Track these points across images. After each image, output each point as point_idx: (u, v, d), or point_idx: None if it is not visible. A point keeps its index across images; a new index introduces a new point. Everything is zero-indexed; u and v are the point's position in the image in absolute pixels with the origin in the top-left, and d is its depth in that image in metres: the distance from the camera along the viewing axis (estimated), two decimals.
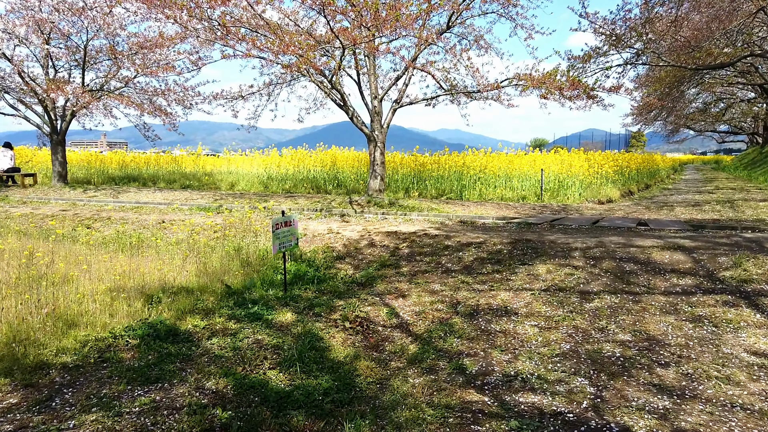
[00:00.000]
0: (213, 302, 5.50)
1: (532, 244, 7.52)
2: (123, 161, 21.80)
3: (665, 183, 25.85)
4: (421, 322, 5.27)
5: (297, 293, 5.95)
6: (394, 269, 7.04)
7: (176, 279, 6.17)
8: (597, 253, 6.93)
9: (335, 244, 8.08)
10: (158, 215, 10.96)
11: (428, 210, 11.13)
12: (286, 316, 5.21)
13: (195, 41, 12.24)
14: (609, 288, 5.86)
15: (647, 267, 6.39)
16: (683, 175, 37.51)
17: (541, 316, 5.25)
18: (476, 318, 5.27)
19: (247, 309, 5.25)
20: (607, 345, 4.49)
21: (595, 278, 6.15)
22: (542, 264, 6.69)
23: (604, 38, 18.16)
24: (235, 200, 13.58)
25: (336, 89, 11.08)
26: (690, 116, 47.32)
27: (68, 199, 14.25)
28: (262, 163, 19.17)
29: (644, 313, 5.18)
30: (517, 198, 14.49)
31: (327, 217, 10.71)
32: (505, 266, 6.77)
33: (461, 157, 16.45)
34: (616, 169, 16.91)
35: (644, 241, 7.40)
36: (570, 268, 6.50)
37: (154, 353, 4.23)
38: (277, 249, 5.71)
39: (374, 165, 12.16)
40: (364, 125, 12.01)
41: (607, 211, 12.08)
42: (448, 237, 8.11)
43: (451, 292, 6.08)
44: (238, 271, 6.54)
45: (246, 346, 4.47)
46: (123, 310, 5.11)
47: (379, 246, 7.95)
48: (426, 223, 9.81)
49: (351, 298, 5.90)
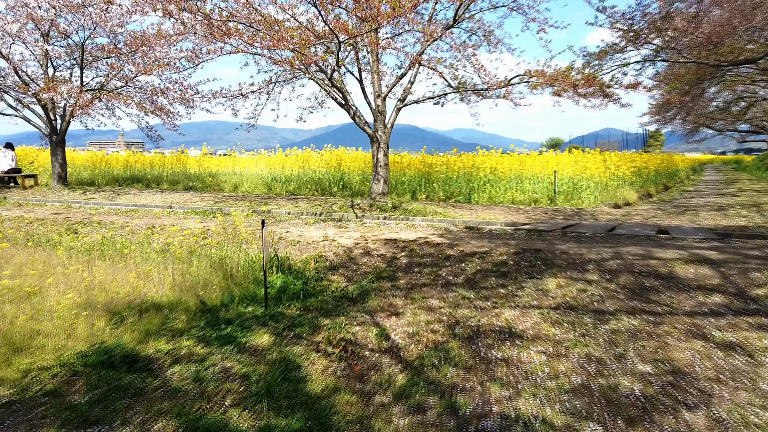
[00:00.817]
0: (184, 321, 4.98)
1: (542, 254, 6.90)
2: (127, 162, 21.46)
3: (685, 184, 24.96)
4: (414, 346, 4.69)
5: (280, 310, 5.41)
6: (390, 282, 6.47)
7: (150, 292, 5.66)
8: (613, 265, 6.29)
9: (329, 253, 7.54)
10: (151, 219, 10.51)
11: (433, 215, 10.55)
12: (263, 339, 4.67)
13: (194, 38, 11.77)
14: (627, 307, 5.24)
15: (670, 283, 5.75)
16: (703, 175, 36.47)
17: (550, 340, 4.65)
18: (476, 342, 4.68)
19: (220, 330, 4.72)
20: (624, 379, 3.88)
21: (611, 295, 5.53)
22: (552, 278, 6.08)
23: (621, 34, 17.42)
24: (235, 203, 13.12)
25: (336, 87, 10.54)
26: (710, 115, 46.05)
27: (65, 201, 13.89)
28: (266, 164, 18.70)
29: (667, 338, 4.56)
30: (529, 201, 13.84)
31: (326, 222, 10.18)
32: (511, 280, 6.17)
33: (471, 158, 15.82)
34: (633, 171, 16.16)
35: (666, 253, 6.74)
36: (583, 283, 5.88)
37: (103, 386, 3.71)
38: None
39: (377, 167, 11.60)
40: (366, 125, 11.46)
41: (624, 215, 11.39)
42: (451, 245, 7.52)
43: (450, 309, 5.49)
44: (219, 284, 6.02)
45: (210, 376, 3.93)
46: (83, 330, 4.60)
47: (375, 255, 7.38)
48: (429, 229, 9.23)
49: (339, 317, 5.34)
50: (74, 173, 21.45)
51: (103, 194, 14.96)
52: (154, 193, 15.40)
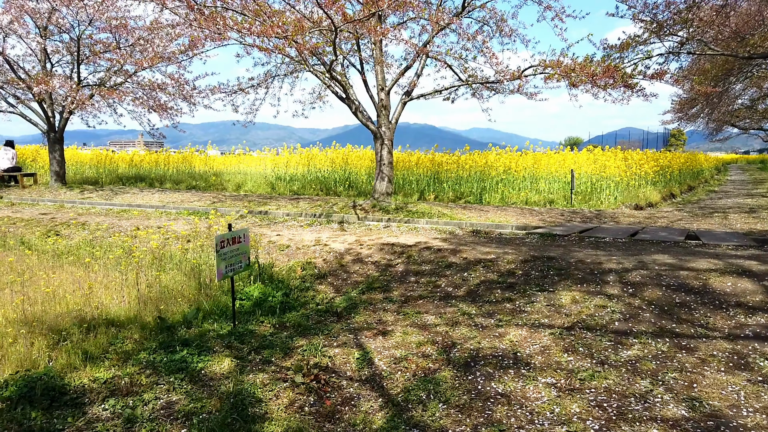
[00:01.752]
0: (135, 341, 4.32)
1: (555, 263, 6.13)
2: (132, 161, 21.05)
3: (710, 184, 23.84)
4: (400, 374, 3.97)
5: (251, 328, 4.73)
6: (382, 293, 5.76)
7: (111, 304, 5.03)
8: (637, 277, 5.50)
9: (318, 259, 6.85)
10: (140, 220, 9.93)
11: (438, 216, 9.80)
12: (223, 364, 3.98)
13: (188, 29, 11.13)
14: (653, 328, 4.46)
15: (704, 298, 4.95)
16: (728, 175, 35.16)
17: (562, 369, 3.90)
18: (473, 370, 3.95)
19: (173, 353, 4.04)
20: (653, 428, 3.12)
21: (634, 313, 4.75)
22: (566, 291, 5.32)
23: (643, 25, 16.47)
24: (233, 203, 12.51)
25: (336, 80, 9.84)
26: (735, 113, 44.48)
27: (60, 201, 13.41)
28: (271, 163, 18.10)
29: (703, 369, 3.78)
30: (544, 202, 13.01)
31: (323, 224, 9.49)
32: (519, 293, 5.41)
33: (483, 156, 15.01)
34: (656, 170, 15.21)
35: (697, 262, 5.93)
36: (602, 297, 5.11)
37: (12, 428, 3.06)
38: (223, 273, 4.50)
39: (381, 165, 10.88)
40: (369, 121, 10.75)
41: (647, 218, 10.52)
42: (454, 252, 6.78)
43: (446, 327, 4.76)
44: (189, 295, 5.36)
45: (147, 415, 3.26)
46: (17, 351, 3.97)
47: (370, 262, 6.67)
48: (433, 232, 8.49)
49: (318, 336, 4.64)
50: (79, 172, 21.11)
51: (100, 194, 14.47)
52: (153, 193, 14.87)
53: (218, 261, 4.44)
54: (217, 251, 4.41)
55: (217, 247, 4.42)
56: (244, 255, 4.71)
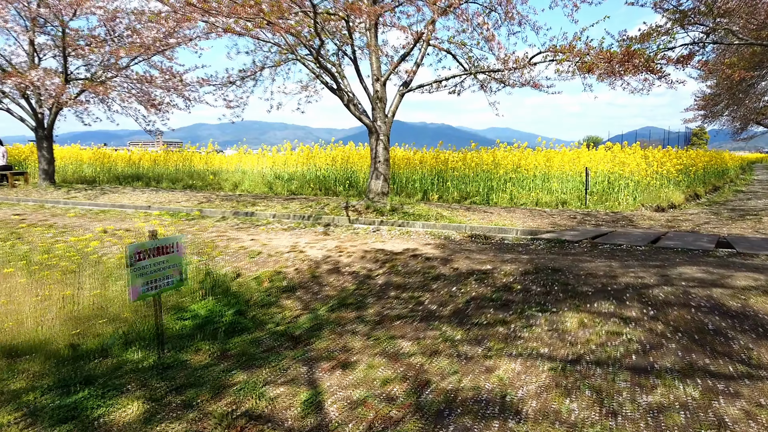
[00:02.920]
0: (35, 375, 3.50)
1: (562, 276, 5.20)
2: (130, 159, 20.46)
3: (736, 184, 22.55)
4: (353, 426, 3.10)
5: (183, 357, 3.89)
6: (355, 311, 4.89)
7: (28, 323, 4.22)
8: (660, 295, 4.56)
9: (290, 269, 5.99)
10: (113, 222, 9.18)
11: (437, 219, 8.90)
12: (129, 410, 3.14)
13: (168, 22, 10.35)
14: (681, 364, 3.53)
15: (743, 324, 4.00)
16: (754, 175, 33.66)
17: (561, 422, 2.99)
18: (446, 422, 3.06)
19: (69, 394, 3.21)
20: None
21: (656, 343, 3.82)
22: (573, 312, 4.39)
23: (666, 14, 15.36)
24: (222, 203, 11.73)
25: (325, 68, 8.98)
26: (761, 110, 42.75)
27: (43, 201, 12.77)
28: (269, 162, 17.33)
29: (749, 426, 2.85)
30: (556, 203, 12.02)
31: (308, 227, 8.65)
32: (515, 313, 4.50)
33: (491, 154, 14.03)
34: (679, 168, 14.09)
35: (733, 276, 4.95)
36: (616, 321, 4.18)
37: None
38: (140, 292, 3.66)
39: (376, 162, 10.00)
40: (363, 114, 9.88)
41: (669, 221, 9.50)
42: (445, 261, 5.88)
43: (423, 358, 3.87)
44: (126, 314, 4.54)
45: None
46: None
47: (347, 273, 5.81)
48: (427, 237, 7.59)
49: (263, 368, 3.78)
50: (78, 171, 20.59)
51: (88, 193, 13.81)
52: (144, 192, 14.17)
53: (132, 276, 3.60)
54: (129, 264, 3.57)
55: (131, 259, 3.58)
56: (175, 268, 3.87)
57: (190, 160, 20.10)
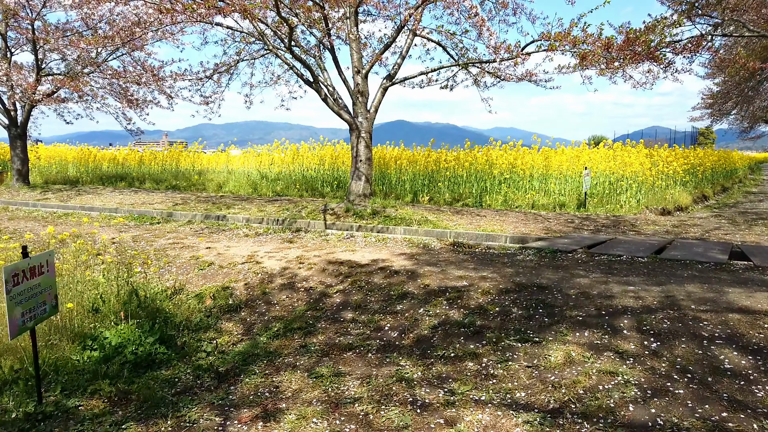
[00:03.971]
0: None
1: (549, 295, 4.42)
2: (115, 158, 19.77)
3: (746, 185, 21.66)
4: None
5: (71, 403, 3.14)
6: (301, 337, 4.13)
7: None
8: (664, 321, 3.77)
9: (240, 283, 5.24)
10: (69, 226, 8.46)
11: (419, 223, 8.12)
12: None
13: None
14: (691, 418, 2.75)
15: (766, 360, 3.22)
16: (763, 175, 32.74)
17: None
18: None
19: None
20: None
21: (659, 387, 3.04)
22: (558, 343, 3.62)
23: (672, 5, 14.53)
24: (198, 205, 11.01)
25: (299, 59, 8.22)
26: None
27: (10, 203, 12.10)
28: (255, 162, 16.59)
29: None
30: (554, 205, 11.23)
31: (276, 233, 7.90)
32: (489, 344, 3.73)
33: (485, 153, 13.23)
34: (686, 168, 13.24)
35: (752, 297, 4.16)
36: (610, 356, 3.40)
37: None
38: (19, 325, 2.91)
39: (357, 162, 9.24)
40: (343, 110, 9.12)
41: (675, 226, 8.68)
42: (414, 276, 5.11)
43: (370, 405, 3.10)
44: (16, 343, 3.79)
45: None
46: None
47: (303, 289, 5.04)
48: (403, 245, 6.82)
49: (165, 420, 3.02)
50: (62, 171, 19.91)
51: (61, 194, 13.11)
52: (121, 194, 13.47)
53: (10, 306, 2.85)
54: (7, 291, 2.82)
55: (8, 285, 2.83)
56: (48, 292, 3.11)
57: (177, 159, 19.38)
